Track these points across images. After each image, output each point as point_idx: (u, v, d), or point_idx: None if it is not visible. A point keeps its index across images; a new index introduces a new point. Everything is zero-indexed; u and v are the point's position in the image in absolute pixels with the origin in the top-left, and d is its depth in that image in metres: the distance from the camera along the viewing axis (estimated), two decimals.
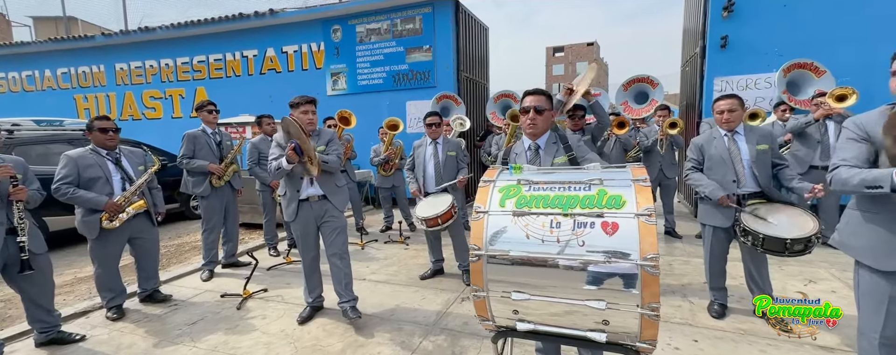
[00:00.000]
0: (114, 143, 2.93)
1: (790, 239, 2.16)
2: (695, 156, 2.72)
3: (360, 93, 7.80)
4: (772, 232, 2.23)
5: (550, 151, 1.85)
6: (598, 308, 1.18)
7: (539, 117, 1.82)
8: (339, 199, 2.82)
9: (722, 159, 2.56)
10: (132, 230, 2.99)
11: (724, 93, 2.65)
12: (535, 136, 1.87)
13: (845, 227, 1.59)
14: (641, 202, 1.19)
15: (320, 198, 2.75)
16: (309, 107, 2.71)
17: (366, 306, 3.02)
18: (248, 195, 5.50)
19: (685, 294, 3.10)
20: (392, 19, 7.44)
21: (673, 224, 4.94)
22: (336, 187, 2.83)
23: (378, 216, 6.53)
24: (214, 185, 3.76)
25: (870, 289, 1.50)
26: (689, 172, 2.73)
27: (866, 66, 4.62)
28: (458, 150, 3.59)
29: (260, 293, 3.34)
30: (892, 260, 1.41)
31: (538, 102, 1.82)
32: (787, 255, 2.23)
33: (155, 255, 3.24)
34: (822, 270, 3.47)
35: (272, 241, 4.60)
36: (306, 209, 2.75)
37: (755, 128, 2.60)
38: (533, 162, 1.86)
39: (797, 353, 2.24)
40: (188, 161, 3.67)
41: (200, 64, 9.02)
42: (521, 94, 1.92)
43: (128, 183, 2.93)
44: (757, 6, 5.29)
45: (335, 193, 2.80)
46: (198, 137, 3.73)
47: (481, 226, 1.32)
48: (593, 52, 49.51)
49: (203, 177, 3.73)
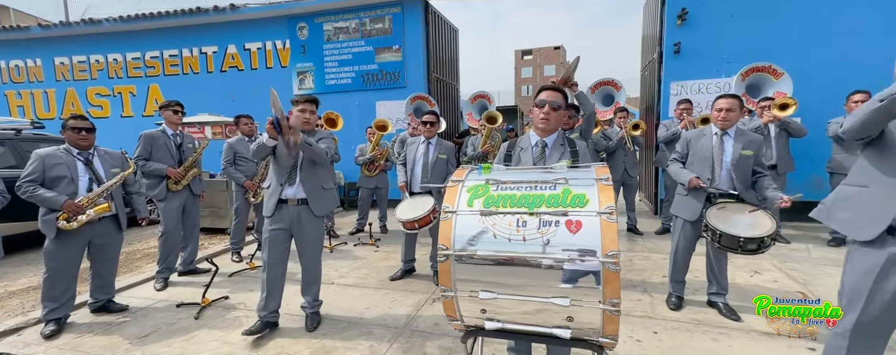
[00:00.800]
0: (87, 143, 2.79)
1: (743, 237, 2.29)
2: (681, 150, 2.82)
3: (329, 93, 7.62)
4: (729, 229, 2.36)
5: (557, 151, 1.80)
6: (563, 305, 1.21)
7: (553, 113, 1.77)
8: (320, 204, 2.64)
9: (704, 157, 2.66)
10: (94, 234, 2.80)
11: (725, 92, 2.70)
12: (546, 133, 1.82)
13: (834, 202, 1.65)
14: (603, 200, 1.23)
15: (300, 203, 2.60)
16: (306, 106, 2.59)
17: (333, 310, 2.95)
18: (209, 199, 5.23)
19: (645, 288, 3.25)
20: (361, 18, 7.33)
21: (635, 221, 5.17)
22: (321, 190, 2.65)
23: (349, 218, 6.40)
24: (171, 189, 3.55)
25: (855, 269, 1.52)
26: (671, 164, 2.85)
27: (801, 75, 5.05)
28: (450, 154, 3.52)
29: (220, 301, 3.18)
30: (871, 229, 1.46)
31: (554, 98, 1.77)
32: (740, 252, 2.37)
33: (114, 263, 3.04)
34: (765, 262, 3.74)
35: (237, 246, 4.39)
36: (283, 211, 2.59)
37: (746, 132, 2.67)
38: (538, 159, 1.82)
39: (743, 340, 2.39)
40: (144, 163, 3.45)
41: (154, 59, 8.48)
42: (538, 89, 1.85)
43: (96, 184, 2.78)
44: (707, 16, 5.66)
45: (318, 196, 2.63)
46: (156, 138, 3.51)
47: (450, 225, 1.32)
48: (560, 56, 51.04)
49: (159, 180, 3.52)
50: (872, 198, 1.48)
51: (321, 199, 2.66)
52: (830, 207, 1.64)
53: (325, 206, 2.70)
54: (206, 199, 4.32)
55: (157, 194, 3.51)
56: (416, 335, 2.58)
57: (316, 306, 2.76)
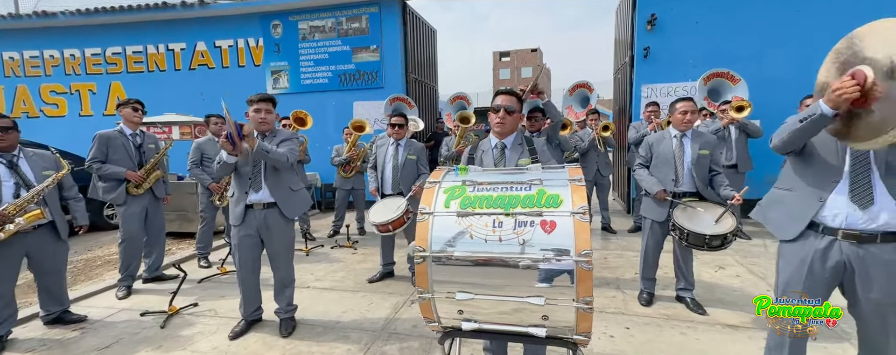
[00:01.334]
0: (6, 144, 2.54)
1: (709, 235, 2.44)
2: (644, 154, 2.94)
3: (304, 93, 7.46)
4: (695, 228, 2.50)
5: (516, 151, 1.89)
6: (538, 304, 1.23)
7: (509, 117, 1.86)
8: (290, 206, 2.57)
9: (667, 159, 2.80)
10: (30, 245, 2.59)
11: (681, 96, 2.86)
12: (503, 136, 1.91)
13: (767, 203, 1.81)
14: (576, 201, 1.26)
15: (267, 207, 2.52)
16: (261, 106, 2.49)
17: (309, 314, 2.88)
18: (176, 201, 5.01)
19: (619, 285, 3.34)
20: (336, 17, 7.22)
21: (608, 220, 5.32)
22: (290, 191, 2.57)
23: (325, 220, 6.28)
24: (132, 193, 3.36)
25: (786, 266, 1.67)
26: (637, 168, 2.96)
27: (761, 79, 5.35)
28: (420, 155, 3.51)
29: (189, 308, 3.04)
30: (791, 229, 1.63)
31: (509, 102, 1.85)
32: (706, 249, 2.51)
33: (60, 274, 2.82)
34: (729, 258, 3.93)
35: (204, 251, 4.22)
36: (250, 216, 2.53)
37: (703, 133, 2.82)
38: (498, 160, 1.90)
39: (708, 333, 2.51)
40: (100, 166, 3.23)
41: (115, 56, 8.06)
42: (494, 93, 1.93)
43: (24, 189, 2.54)
44: (675, 22, 5.90)
45: (287, 199, 2.55)
46: (113, 139, 3.29)
47: (426, 227, 1.32)
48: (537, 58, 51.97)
49: (118, 183, 3.31)
50: (796, 202, 1.64)
51: (291, 201, 2.59)
52: (765, 208, 1.81)
53: (296, 209, 2.63)
54: (174, 203, 4.15)
55: (116, 198, 3.30)
56: (394, 337, 2.55)
57: (290, 311, 2.69)
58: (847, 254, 1.52)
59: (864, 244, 1.49)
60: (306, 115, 5.00)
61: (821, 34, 5.38)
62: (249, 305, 2.69)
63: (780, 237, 1.69)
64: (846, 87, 1.30)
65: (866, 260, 1.49)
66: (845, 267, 1.54)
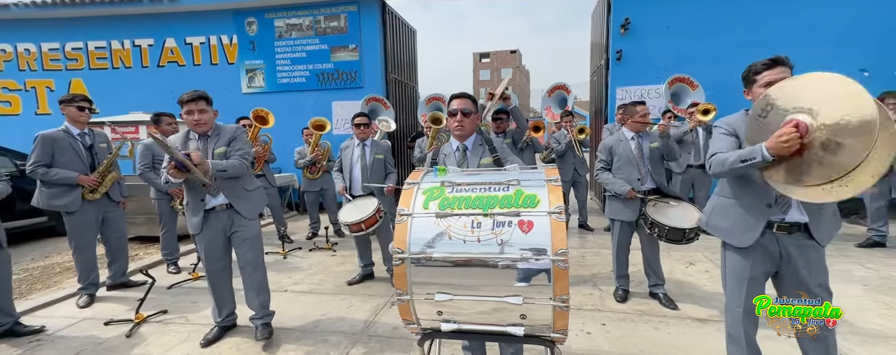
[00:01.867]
0: None
1: (688, 228, 2.57)
2: (605, 157, 3.03)
3: (281, 92, 7.28)
4: (674, 223, 2.61)
5: (477, 152, 1.95)
6: (516, 303, 1.24)
7: (466, 119, 1.91)
8: (248, 206, 2.50)
9: (629, 160, 2.90)
10: None
11: (637, 99, 2.99)
12: (463, 138, 1.97)
13: (712, 212, 1.88)
14: (553, 200, 1.28)
15: (226, 208, 2.46)
16: (192, 106, 2.32)
17: (287, 319, 2.81)
18: (143, 203, 4.79)
19: (595, 283, 3.43)
20: (314, 15, 7.09)
21: (586, 218, 5.44)
22: (244, 192, 2.50)
23: (303, 222, 6.15)
24: (87, 199, 3.12)
25: (733, 267, 1.79)
26: (599, 173, 3.04)
27: (726, 83, 5.58)
28: (386, 154, 3.54)
29: (157, 316, 2.92)
30: (746, 237, 1.71)
31: (464, 105, 1.91)
32: (684, 242, 2.65)
33: (4, 285, 2.62)
34: (698, 254, 4.10)
35: (171, 256, 4.04)
36: (212, 220, 2.45)
37: (649, 132, 2.99)
38: (461, 162, 1.95)
39: (679, 327, 2.60)
40: (46, 171, 2.94)
41: (76, 51, 7.64)
42: (449, 98, 1.98)
43: None
44: (647, 26, 6.10)
45: (243, 200, 2.48)
46: (58, 140, 2.99)
47: (405, 228, 1.31)
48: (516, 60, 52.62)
49: (66, 188, 3.04)
50: (742, 211, 1.74)
51: (247, 201, 2.50)
52: (710, 218, 1.88)
53: (253, 208, 2.54)
54: (142, 205, 3.96)
55: (68, 206, 3.04)
56: (375, 340, 2.53)
57: (266, 317, 2.61)
58: (782, 243, 1.68)
59: (795, 233, 1.66)
60: (267, 113, 4.78)
61: (785, 38, 5.70)
62: (222, 310, 2.61)
63: (738, 245, 1.74)
64: (791, 136, 1.37)
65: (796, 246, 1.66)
66: (781, 255, 1.69)
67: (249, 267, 2.53)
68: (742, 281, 1.75)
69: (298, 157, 5.18)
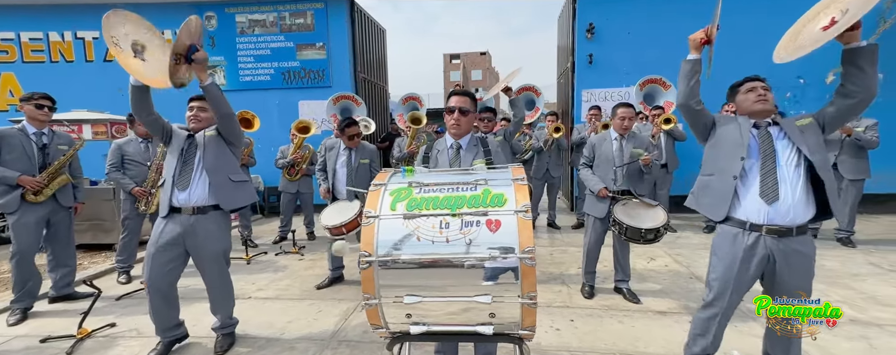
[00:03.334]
0: None
1: (644, 229, 2.68)
2: (588, 154, 3.13)
3: (244, 91, 6.99)
4: (633, 223, 2.73)
5: (471, 152, 1.92)
6: (485, 302, 1.24)
7: (463, 118, 1.89)
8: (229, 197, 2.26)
9: (607, 159, 3.01)
10: None
11: (621, 102, 3.09)
12: (459, 136, 1.94)
13: (697, 190, 1.99)
14: (519, 199, 1.29)
15: (197, 211, 2.22)
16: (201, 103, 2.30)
17: (250, 327, 2.69)
18: (90, 210, 4.45)
19: (564, 280, 3.52)
20: (279, 12, 6.86)
21: (554, 217, 5.58)
22: (230, 183, 2.26)
23: (270, 225, 5.92)
24: (29, 201, 2.90)
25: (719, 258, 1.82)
26: (582, 168, 3.16)
27: None
28: (373, 158, 3.47)
29: (104, 330, 2.70)
30: (720, 211, 1.79)
31: (463, 103, 1.88)
32: (642, 242, 2.76)
33: None
34: (658, 250, 4.30)
35: (126, 264, 3.76)
36: (176, 222, 2.21)
37: (636, 135, 3.08)
38: (454, 160, 1.91)
39: (642, 320, 2.72)
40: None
41: (7, 42, 7.00)
42: (448, 94, 1.94)
43: None
44: (610, 31, 6.36)
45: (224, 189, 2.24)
46: (8, 137, 2.84)
47: (372, 231, 1.28)
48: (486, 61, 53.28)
49: (8, 188, 2.85)
50: (718, 184, 1.84)
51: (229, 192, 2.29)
52: (697, 195, 1.99)
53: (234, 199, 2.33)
54: (86, 211, 3.66)
55: (5, 205, 2.83)
56: (344, 345, 2.47)
57: (230, 326, 2.48)
58: (770, 247, 1.71)
59: (784, 237, 1.69)
60: (253, 116, 4.68)
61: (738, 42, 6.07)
62: (162, 323, 2.32)
63: (714, 218, 1.84)
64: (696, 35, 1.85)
65: (786, 251, 1.69)
66: (769, 259, 1.72)
67: (215, 275, 2.36)
68: (728, 282, 1.78)
69: (280, 156, 5.04)
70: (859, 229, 4.48)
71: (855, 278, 3.34)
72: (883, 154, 4.43)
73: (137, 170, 3.67)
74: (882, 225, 5.20)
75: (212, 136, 2.30)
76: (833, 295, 2.96)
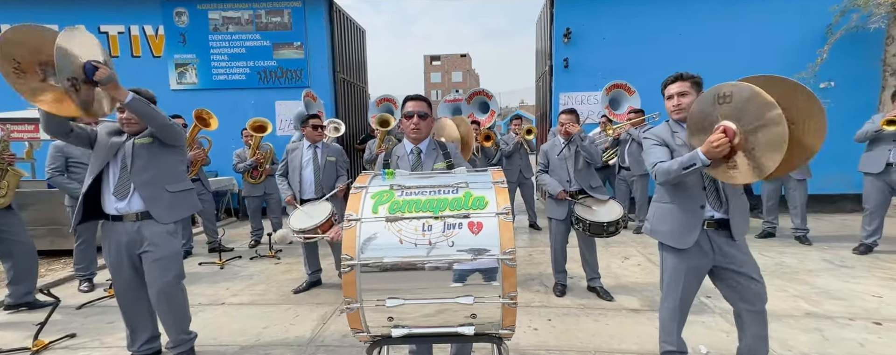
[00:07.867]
0: None
1: (605, 222, 2.86)
2: (543, 160, 3.27)
3: (217, 90, 6.77)
4: (594, 218, 2.90)
5: (431, 156, 1.94)
6: (467, 303, 1.26)
7: (422, 122, 1.90)
8: (163, 209, 2.08)
9: (560, 163, 3.14)
10: None
11: (564, 108, 3.20)
12: (418, 141, 1.95)
13: (652, 218, 2.02)
14: (500, 202, 1.32)
15: (141, 217, 2.06)
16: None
17: (223, 335, 2.61)
18: (48, 214, 4.20)
19: (542, 280, 3.58)
20: (254, 9, 6.68)
21: (535, 217, 5.68)
22: (165, 193, 2.09)
23: (244, 229, 5.74)
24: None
25: (671, 265, 1.93)
26: (539, 174, 3.28)
27: (656, 91, 6.14)
28: (339, 156, 3.44)
29: (63, 341, 2.55)
30: (688, 238, 1.83)
31: (420, 108, 1.89)
32: (606, 236, 2.95)
33: None
34: (632, 249, 4.45)
35: (86, 272, 3.54)
36: (119, 230, 2.06)
37: (581, 138, 3.16)
38: (415, 165, 1.92)
39: (617, 318, 2.80)
40: None
41: None
42: (402, 100, 1.95)
43: None
44: (586, 36, 6.53)
45: (159, 201, 2.07)
46: None
47: (353, 234, 1.28)
48: (467, 63, 53.63)
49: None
50: (679, 214, 1.87)
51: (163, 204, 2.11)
52: (655, 225, 2.01)
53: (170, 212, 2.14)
54: (45, 215, 3.46)
55: None
56: (322, 350, 2.43)
57: (185, 343, 2.24)
58: (712, 238, 1.85)
59: (720, 229, 1.83)
60: (210, 115, 4.40)
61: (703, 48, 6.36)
62: (137, 337, 2.23)
63: (680, 246, 1.86)
64: (721, 141, 1.52)
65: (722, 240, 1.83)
66: (713, 249, 1.85)
67: (164, 293, 2.11)
68: (679, 278, 1.89)
69: (237, 161, 4.81)
70: (814, 227, 4.78)
71: (810, 274, 3.56)
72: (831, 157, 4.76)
73: (84, 173, 3.42)
74: (834, 223, 5.56)
75: (144, 144, 2.08)
76: (791, 290, 3.15)
